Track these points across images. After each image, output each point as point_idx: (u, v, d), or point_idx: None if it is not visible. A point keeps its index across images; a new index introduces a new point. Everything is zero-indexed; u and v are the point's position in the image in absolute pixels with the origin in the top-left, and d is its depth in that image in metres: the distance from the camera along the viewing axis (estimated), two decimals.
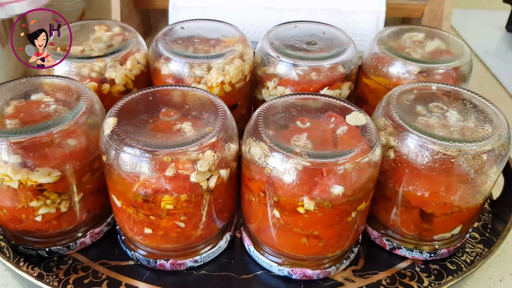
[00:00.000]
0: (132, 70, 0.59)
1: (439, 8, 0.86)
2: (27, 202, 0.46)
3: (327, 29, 0.65)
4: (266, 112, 0.47)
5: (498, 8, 1.19)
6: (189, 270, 0.50)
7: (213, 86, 0.57)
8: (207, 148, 0.43)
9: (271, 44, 0.60)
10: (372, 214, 0.53)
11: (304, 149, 0.42)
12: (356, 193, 0.43)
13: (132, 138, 0.43)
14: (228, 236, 0.53)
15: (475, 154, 0.44)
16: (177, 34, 0.62)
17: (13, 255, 0.51)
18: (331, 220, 0.44)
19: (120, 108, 0.47)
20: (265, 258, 0.50)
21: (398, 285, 0.50)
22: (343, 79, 0.60)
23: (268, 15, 0.85)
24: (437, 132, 0.45)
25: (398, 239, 0.53)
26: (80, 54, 0.57)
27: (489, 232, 0.57)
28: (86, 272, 0.50)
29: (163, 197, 0.43)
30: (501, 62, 0.99)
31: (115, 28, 0.63)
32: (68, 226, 0.50)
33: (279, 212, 0.45)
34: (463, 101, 0.51)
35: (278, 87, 0.59)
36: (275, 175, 0.42)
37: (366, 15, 0.85)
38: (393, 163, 0.47)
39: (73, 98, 0.48)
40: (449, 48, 0.62)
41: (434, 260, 0.53)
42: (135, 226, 0.47)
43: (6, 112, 0.46)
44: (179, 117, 0.46)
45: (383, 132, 0.48)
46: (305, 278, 0.50)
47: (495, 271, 0.54)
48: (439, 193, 0.46)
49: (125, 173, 0.43)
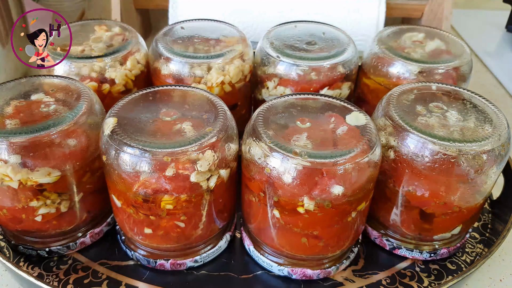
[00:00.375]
0: (132, 70, 0.59)
1: (439, 8, 0.86)
2: (27, 202, 0.46)
3: (327, 29, 0.65)
4: (266, 112, 0.47)
5: (498, 8, 1.19)
6: (189, 270, 0.50)
7: (213, 86, 0.57)
8: (207, 148, 0.43)
9: (271, 44, 0.60)
10: (372, 214, 0.53)
11: (304, 149, 0.42)
12: (356, 193, 0.43)
13: (132, 138, 0.43)
14: (228, 236, 0.53)
15: (475, 154, 0.44)
16: (177, 34, 0.62)
17: (13, 255, 0.51)
18: (331, 220, 0.44)
19: (120, 108, 0.47)
20: (265, 258, 0.50)
21: (398, 285, 0.50)
22: (343, 79, 0.60)
23: (268, 15, 0.85)
24: (437, 132, 0.45)
25: (398, 239, 0.53)
26: (80, 54, 0.57)
27: (489, 232, 0.57)
28: (86, 272, 0.50)
29: (163, 197, 0.43)
30: (501, 62, 0.99)
31: (115, 28, 0.63)
32: (68, 226, 0.50)
33: (279, 212, 0.45)
34: (463, 101, 0.51)
35: (278, 87, 0.59)
36: (275, 175, 0.42)
37: (366, 15, 0.85)
38: (393, 163, 0.47)
39: (73, 98, 0.48)
40: (449, 48, 0.62)
41: (434, 260, 0.53)
42: (135, 226, 0.47)
43: (6, 112, 0.46)
44: (179, 117, 0.46)
45: (383, 132, 0.48)
46: (305, 278, 0.50)
47: (495, 271, 0.54)
48: (439, 193, 0.46)
49: (125, 173, 0.43)
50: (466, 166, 0.45)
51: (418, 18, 0.94)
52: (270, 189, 0.43)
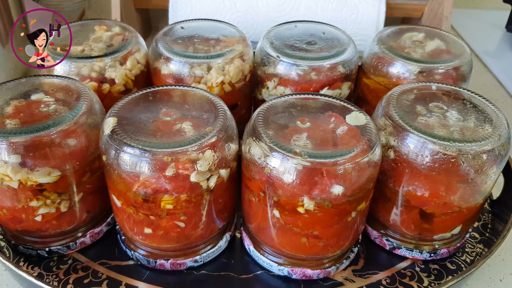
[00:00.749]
0: (132, 70, 0.59)
1: (439, 8, 0.86)
2: (27, 202, 0.46)
3: (327, 29, 0.65)
4: (266, 112, 0.47)
5: (498, 8, 1.19)
6: (189, 270, 0.50)
7: (213, 86, 0.57)
8: (207, 148, 0.43)
9: (271, 44, 0.60)
10: (372, 214, 0.53)
11: (304, 149, 0.42)
12: (356, 193, 0.43)
13: (132, 138, 0.43)
14: (228, 236, 0.53)
15: (475, 154, 0.44)
16: (177, 34, 0.62)
17: (13, 255, 0.51)
18: (331, 220, 0.44)
19: (120, 108, 0.47)
20: (265, 258, 0.50)
21: (398, 285, 0.50)
22: (343, 79, 0.60)
23: (268, 15, 0.85)
24: (437, 132, 0.45)
25: (398, 239, 0.53)
26: (80, 54, 0.57)
27: (489, 232, 0.57)
28: (86, 272, 0.50)
29: (163, 197, 0.43)
30: (501, 62, 0.99)
31: (115, 28, 0.63)
32: (68, 226, 0.50)
33: (279, 212, 0.45)
34: (463, 101, 0.51)
35: (278, 87, 0.59)
36: (275, 175, 0.42)
37: (366, 15, 0.85)
38: (393, 163, 0.47)
39: (73, 98, 0.48)
40: (449, 48, 0.62)
41: (434, 260, 0.53)
42: (135, 226, 0.47)
43: (6, 112, 0.46)
44: (179, 117, 0.46)
45: (383, 132, 0.48)
46: (305, 278, 0.50)
47: (495, 271, 0.54)
48: (439, 193, 0.46)
49: (125, 173, 0.43)
50: (466, 166, 0.45)
51: (418, 18, 0.94)
52: (270, 189, 0.43)
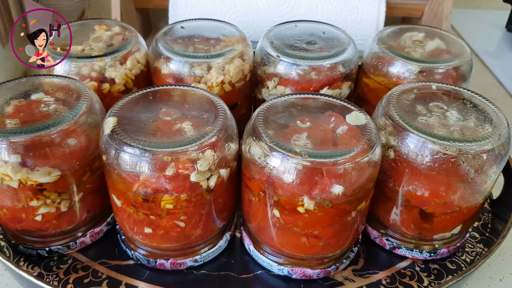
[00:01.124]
0: (132, 70, 0.59)
1: (439, 7, 0.86)
2: (27, 201, 0.46)
3: (327, 28, 0.65)
4: (266, 112, 0.47)
5: (498, 8, 1.19)
6: (189, 269, 0.50)
7: (213, 85, 0.57)
8: (207, 148, 0.43)
9: (271, 44, 0.60)
10: (372, 213, 0.53)
11: (304, 149, 0.42)
12: (356, 193, 0.43)
13: (132, 138, 0.43)
14: (228, 236, 0.53)
15: (475, 153, 0.44)
16: (177, 33, 0.62)
17: (13, 254, 0.51)
18: (331, 219, 0.44)
19: (120, 108, 0.47)
20: (265, 257, 0.50)
21: (398, 285, 0.50)
22: (343, 79, 0.60)
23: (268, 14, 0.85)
24: (437, 132, 0.45)
25: (398, 239, 0.53)
26: (80, 53, 0.57)
27: (489, 231, 0.57)
28: (86, 271, 0.50)
29: (163, 197, 0.43)
30: (501, 62, 0.99)
31: (115, 28, 0.63)
32: (68, 226, 0.50)
33: (279, 212, 0.45)
34: (463, 100, 0.51)
35: (278, 87, 0.59)
36: (275, 175, 0.42)
37: (366, 14, 0.85)
38: (393, 163, 0.47)
39: (73, 98, 0.48)
40: (449, 48, 0.62)
41: (434, 260, 0.53)
42: (135, 225, 0.47)
43: (6, 112, 0.46)
44: (179, 116, 0.46)
45: (383, 131, 0.48)
46: (305, 277, 0.50)
47: (495, 270, 0.54)
48: (439, 192, 0.46)
49: (125, 172, 0.43)
50: (466, 165, 0.45)
51: (418, 18, 0.94)
52: (270, 189, 0.43)
